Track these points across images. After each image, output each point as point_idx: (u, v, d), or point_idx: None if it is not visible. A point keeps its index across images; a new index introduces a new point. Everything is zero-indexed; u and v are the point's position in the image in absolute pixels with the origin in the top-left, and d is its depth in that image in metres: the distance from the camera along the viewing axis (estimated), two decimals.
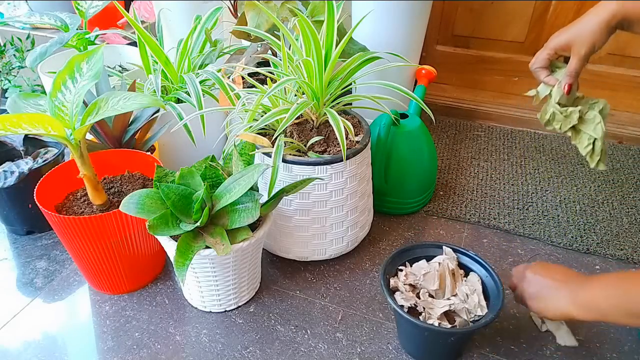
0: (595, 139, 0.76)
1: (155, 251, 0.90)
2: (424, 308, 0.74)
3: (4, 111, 0.74)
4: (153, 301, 0.88)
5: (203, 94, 0.93)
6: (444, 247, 0.81)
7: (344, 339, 0.81)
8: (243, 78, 1.01)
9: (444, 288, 0.76)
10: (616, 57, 1.35)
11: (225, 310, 0.86)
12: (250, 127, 0.82)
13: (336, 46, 0.81)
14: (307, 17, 0.91)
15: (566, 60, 0.75)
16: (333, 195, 0.85)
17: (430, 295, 0.77)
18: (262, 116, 0.80)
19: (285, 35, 0.83)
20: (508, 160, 1.29)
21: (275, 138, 0.80)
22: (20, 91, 1.19)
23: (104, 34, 1.35)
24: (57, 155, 1.00)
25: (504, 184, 1.19)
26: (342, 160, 0.82)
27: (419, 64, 1.27)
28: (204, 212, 0.72)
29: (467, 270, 0.80)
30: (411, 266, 0.80)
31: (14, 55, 1.22)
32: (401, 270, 0.79)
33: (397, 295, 0.75)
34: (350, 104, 1.12)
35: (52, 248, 1.01)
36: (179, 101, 1.01)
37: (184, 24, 1.22)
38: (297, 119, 0.86)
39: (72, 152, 0.75)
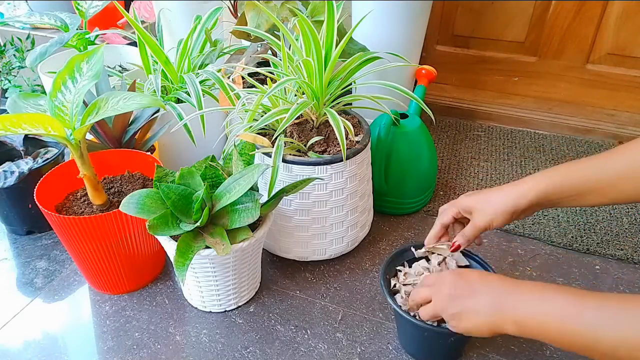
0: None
1: (155, 251, 0.90)
2: None
3: (4, 111, 0.74)
4: (153, 301, 0.88)
5: (203, 94, 0.93)
6: None
7: (344, 339, 0.81)
8: (243, 78, 1.01)
9: None
10: (616, 57, 1.35)
11: (225, 310, 0.86)
12: (250, 127, 0.82)
13: (336, 46, 0.81)
14: (307, 17, 0.91)
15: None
16: (333, 195, 0.85)
17: None
18: (262, 116, 0.80)
19: (285, 35, 0.83)
20: (508, 160, 1.29)
21: (275, 138, 0.80)
22: (20, 91, 1.19)
23: (104, 34, 1.35)
24: (57, 155, 1.00)
25: (504, 184, 1.19)
26: (342, 160, 0.82)
27: (419, 64, 1.27)
28: (204, 212, 0.72)
29: None
30: (410, 266, 0.80)
31: (14, 55, 1.22)
32: (401, 270, 0.79)
33: (397, 295, 0.75)
34: (350, 104, 1.12)
35: (52, 248, 1.01)
36: (179, 101, 1.01)
37: (184, 24, 1.22)
38: (297, 119, 0.86)
39: (72, 152, 0.75)
